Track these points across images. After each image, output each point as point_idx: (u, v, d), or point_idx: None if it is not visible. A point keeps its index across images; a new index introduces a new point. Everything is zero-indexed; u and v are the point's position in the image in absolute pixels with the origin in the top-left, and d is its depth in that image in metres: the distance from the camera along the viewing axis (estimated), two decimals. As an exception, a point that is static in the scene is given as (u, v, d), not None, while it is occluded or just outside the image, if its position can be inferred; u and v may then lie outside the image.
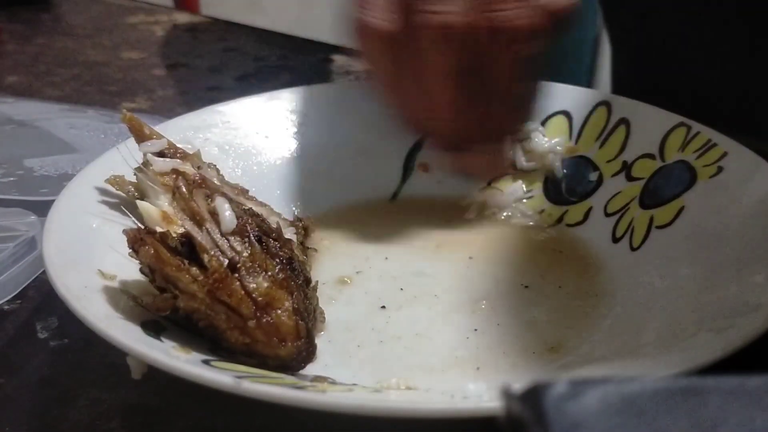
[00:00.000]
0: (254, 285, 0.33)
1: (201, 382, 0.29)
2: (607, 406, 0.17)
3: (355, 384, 0.34)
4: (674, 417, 0.16)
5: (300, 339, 0.34)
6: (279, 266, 0.34)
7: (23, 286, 0.41)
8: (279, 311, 0.33)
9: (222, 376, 0.29)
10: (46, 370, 0.37)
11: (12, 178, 0.51)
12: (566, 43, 1.38)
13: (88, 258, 0.37)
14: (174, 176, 0.38)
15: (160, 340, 0.33)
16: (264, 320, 0.33)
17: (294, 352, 0.34)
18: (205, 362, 0.32)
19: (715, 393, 0.17)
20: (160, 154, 0.40)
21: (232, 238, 0.34)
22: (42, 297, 0.33)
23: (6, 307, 0.40)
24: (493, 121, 0.44)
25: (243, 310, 0.33)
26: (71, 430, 0.33)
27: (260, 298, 0.33)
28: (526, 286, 0.41)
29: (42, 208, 0.39)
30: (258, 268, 0.34)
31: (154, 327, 0.34)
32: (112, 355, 0.31)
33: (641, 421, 0.16)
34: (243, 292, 0.33)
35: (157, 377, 0.30)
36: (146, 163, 0.39)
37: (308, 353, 0.34)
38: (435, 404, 0.30)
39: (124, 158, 0.42)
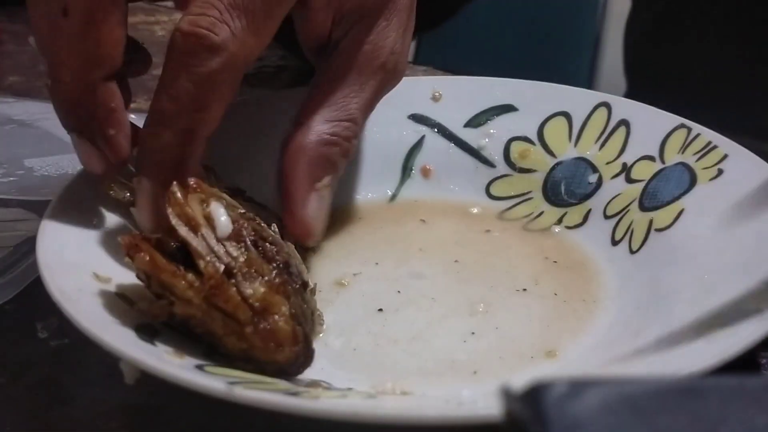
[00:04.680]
0: (250, 291, 0.33)
1: (193, 388, 0.29)
2: (607, 406, 0.17)
3: (350, 388, 0.34)
4: (674, 417, 0.16)
5: (297, 344, 0.34)
6: (275, 271, 0.34)
7: (24, 286, 0.41)
8: (276, 317, 0.33)
9: (214, 382, 0.29)
10: (47, 370, 0.37)
11: (12, 178, 0.51)
12: (566, 43, 1.38)
13: (83, 260, 0.37)
14: None
15: (154, 345, 0.33)
16: (261, 326, 0.33)
17: (291, 358, 0.34)
18: (199, 367, 0.32)
19: (715, 393, 0.17)
20: None
21: (227, 244, 0.34)
22: (42, 297, 0.33)
23: (6, 307, 0.40)
24: None
25: (240, 316, 0.33)
26: (71, 430, 0.33)
27: (257, 304, 0.33)
28: (524, 290, 0.41)
29: (42, 209, 0.39)
30: (254, 274, 0.34)
31: (148, 331, 0.34)
32: (113, 355, 0.31)
33: (641, 421, 0.16)
34: (239, 298, 0.33)
35: (157, 378, 0.30)
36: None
37: (306, 358, 0.34)
38: (428, 411, 0.30)
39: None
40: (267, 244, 0.36)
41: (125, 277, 0.37)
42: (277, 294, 0.34)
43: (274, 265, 0.35)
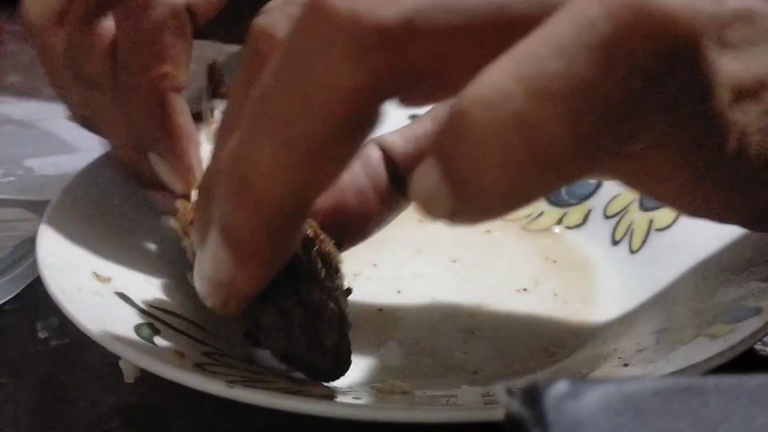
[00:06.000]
0: (307, 293, 0.32)
1: (193, 386, 0.29)
2: (607, 406, 0.17)
3: (350, 388, 0.34)
4: (674, 417, 0.16)
5: (341, 353, 0.33)
6: (329, 276, 0.33)
7: (23, 286, 0.41)
8: (326, 322, 0.32)
9: (214, 381, 0.29)
10: (46, 370, 0.37)
11: (12, 178, 0.51)
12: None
13: (83, 260, 0.37)
14: None
15: (154, 344, 0.33)
16: (311, 329, 0.32)
17: (332, 366, 0.33)
18: (199, 366, 0.32)
19: (716, 393, 0.17)
20: None
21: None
22: (42, 297, 0.33)
23: (6, 307, 0.40)
24: None
25: (293, 316, 0.33)
26: (71, 430, 0.33)
27: (311, 306, 0.32)
28: (524, 290, 0.41)
29: (42, 209, 0.39)
30: (310, 277, 0.33)
31: (147, 330, 0.34)
32: (113, 355, 0.31)
33: (641, 421, 0.16)
34: (297, 299, 0.32)
35: (158, 377, 0.30)
36: (209, 118, 0.39)
37: (344, 367, 0.33)
38: (428, 411, 0.30)
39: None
40: (319, 242, 0.34)
41: (125, 277, 0.37)
42: (329, 300, 0.33)
43: (327, 266, 0.34)
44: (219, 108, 0.39)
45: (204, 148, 0.38)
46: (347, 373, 0.35)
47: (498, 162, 0.22)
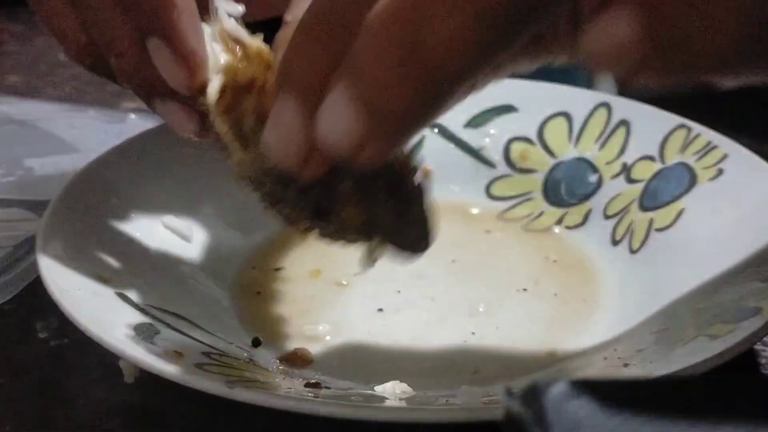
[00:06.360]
0: (389, 164, 0.30)
1: (193, 386, 0.29)
2: (607, 405, 0.17)
3: (350, 389, 0.34)
4: (674, 417, 0.16)
5: (426, 224, 0.31)
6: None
7: (24, 286, 0.41)
8: (410, 192, 0.31)
9: (214, 381, 0.29)
10: (46, 370, 0.37)
11: (12, 178, 0.51)
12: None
13: (83, 260, 0.37)
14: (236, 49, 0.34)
15: (154, 344, 0.33)
16: (399, 195, 0.31)
17: (419, 237, 0.32)
18: (199, 366, 0.32)
19: (715, 393, 0.17)
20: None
21: None
22: (42, 297, 0.33)
23: (6, 307, 0.40)
24: None
25: (377, 184, 0.30)
26: (71, 430, 0.33)
27: (394, 176, 0.31)
28: (524, 290, 0.41)
29: (42, 208, 0.39)
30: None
31: (147, 330, 0.34)
32: (112, 355, 0.31)
33: (641, 421, 0.16)
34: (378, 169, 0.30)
35: (157, 377, 0.30)
36: (216, 19, 0.37)
37: (429, 240, 0.32)
38: (428, 411, 0.30)
39: (124, 157, 0.43)
40: None
41: (125, 277, 0.37)
42: (410, 173, 0.31)
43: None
44: (222, 7, 0.37)
45: (210, 49, 0.36)
46: (346, 373, 0.36)
47: (708, 25, 0.20)
